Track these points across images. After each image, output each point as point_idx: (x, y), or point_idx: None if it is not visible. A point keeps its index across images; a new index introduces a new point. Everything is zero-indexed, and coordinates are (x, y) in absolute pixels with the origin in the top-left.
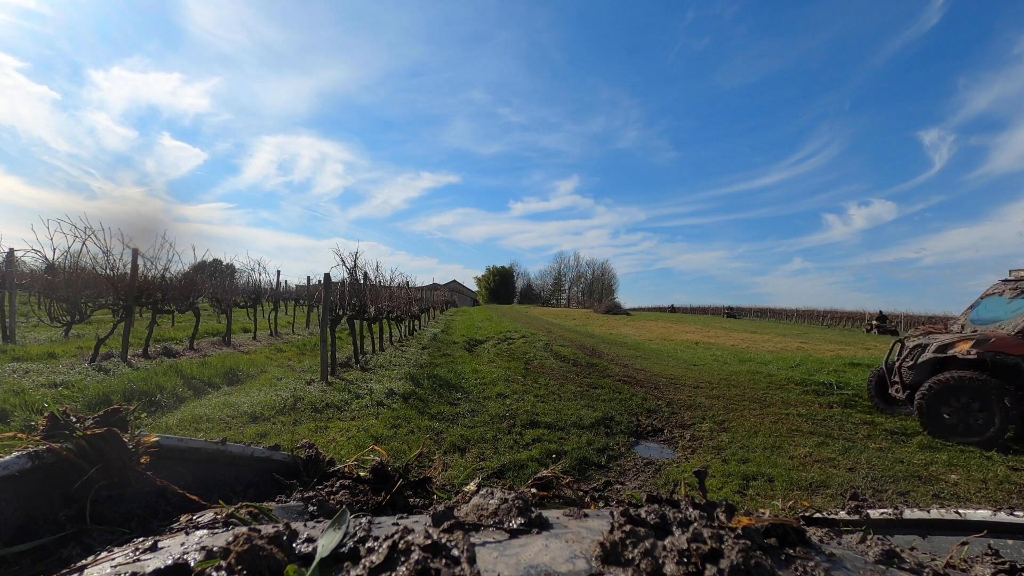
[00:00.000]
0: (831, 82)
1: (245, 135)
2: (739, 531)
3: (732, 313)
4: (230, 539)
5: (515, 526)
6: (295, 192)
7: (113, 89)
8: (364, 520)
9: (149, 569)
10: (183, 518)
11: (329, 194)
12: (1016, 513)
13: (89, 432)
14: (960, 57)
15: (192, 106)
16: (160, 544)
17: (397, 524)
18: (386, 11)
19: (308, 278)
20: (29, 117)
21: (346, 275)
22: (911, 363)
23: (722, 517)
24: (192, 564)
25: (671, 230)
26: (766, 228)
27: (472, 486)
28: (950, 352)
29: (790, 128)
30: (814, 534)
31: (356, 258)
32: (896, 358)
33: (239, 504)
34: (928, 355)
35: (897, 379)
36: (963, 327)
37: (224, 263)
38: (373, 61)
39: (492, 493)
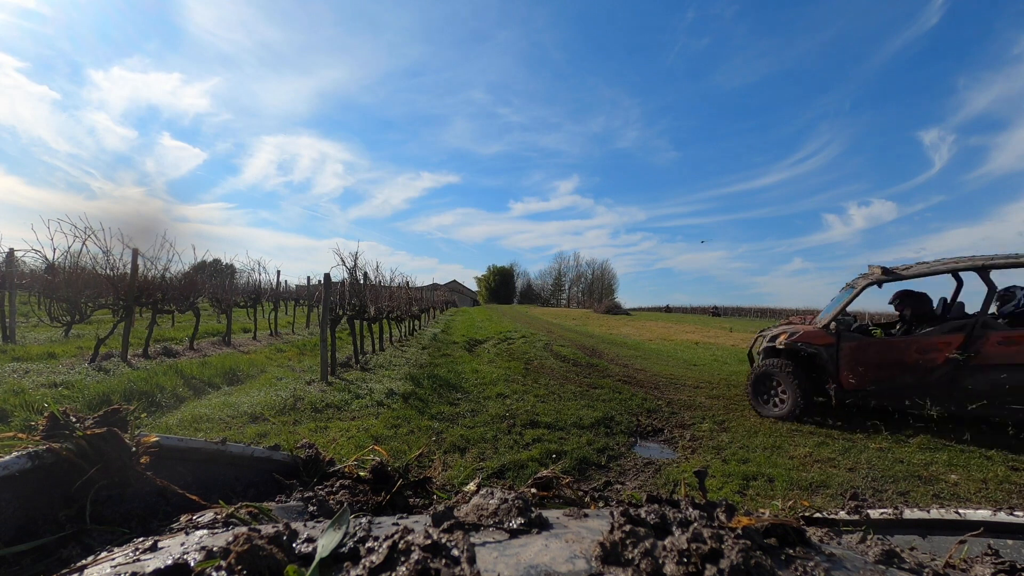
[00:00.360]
0: (831, 82)
1: (245, 135)
2: (739, 531)
3: (717, 312)
4: (230, 539)
5: (515, 526)
6: (295, 192)
7: (113, 89)
8: (364, 520)
9: (149, 569)
10: (183, 518)
11: (329, 194)
12: (1016, 513)
13: (89, 432)
14: (960, 57)
15: (192, 106)
16: (160, 544)
17: (397, 524)
18: (386, 11)
19: (308, 278)
20: (29, 117)
21: (346, 275)
22: (759, 351)
23: (722, 517)
24: (192, 564)
25: (671, 230)
26: (766, 228)
27: (472, 486)
28: (775, 343)
29: (790, 128)
30: (814, 534)
31: (356, 258)
32: (759, 350)
33: (239, 504)
34: (764, 344)
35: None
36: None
37: (224, 263)
38: (373, 61)
39: (492, 493)
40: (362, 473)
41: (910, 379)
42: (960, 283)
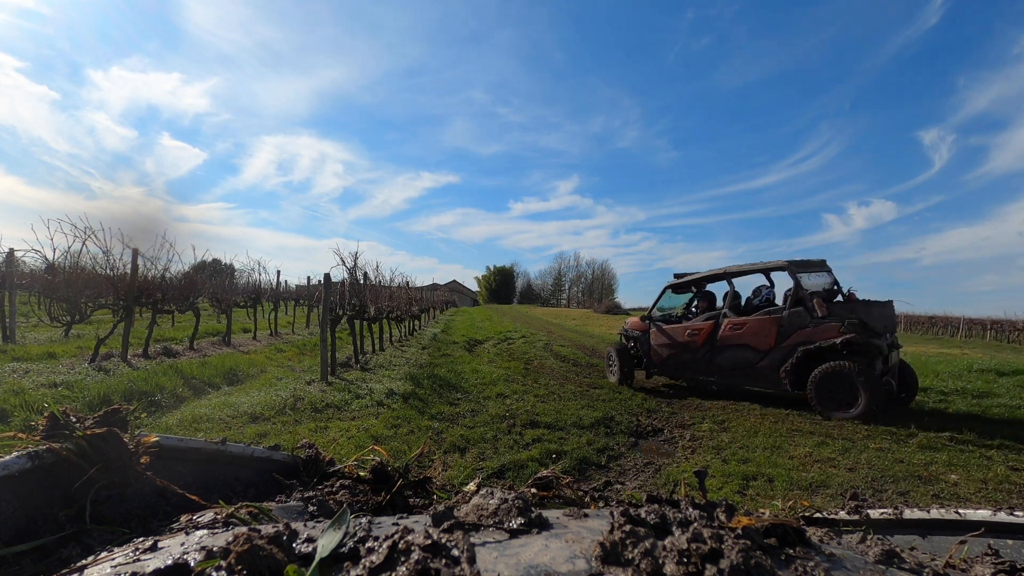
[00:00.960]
0: (830, 82)
1: (245, 135)
2: (739, 531)
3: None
4: (230, 539)
5: (515, 526)
6: (295, 192)
7: (113, 89)
8: (364, 520)
9: (149, 569)
10: (183, 518)
11: (329, 194)
12: (1016, 513)
13: (89, 432)
14: (960, 57)
15: (192, 106)
16: (160, 544)
17: (397, 524)
18: (385, 11)
19: (308, 278)
20: (29, 117)
21: (346, 275)
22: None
23: (722, 517)
24: (192, 564)
25: (671, 230)
26: (766, 228)
27: (472, 486)
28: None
29: (790, 128)
30: (814, 534)
31: (356, 258)
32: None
33: (239, 504)
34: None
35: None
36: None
37: (224, 263)
38: (372, 61)
39: (492, 493)
40: (362, 473)
41: (687, 357)
42: (731, 285)
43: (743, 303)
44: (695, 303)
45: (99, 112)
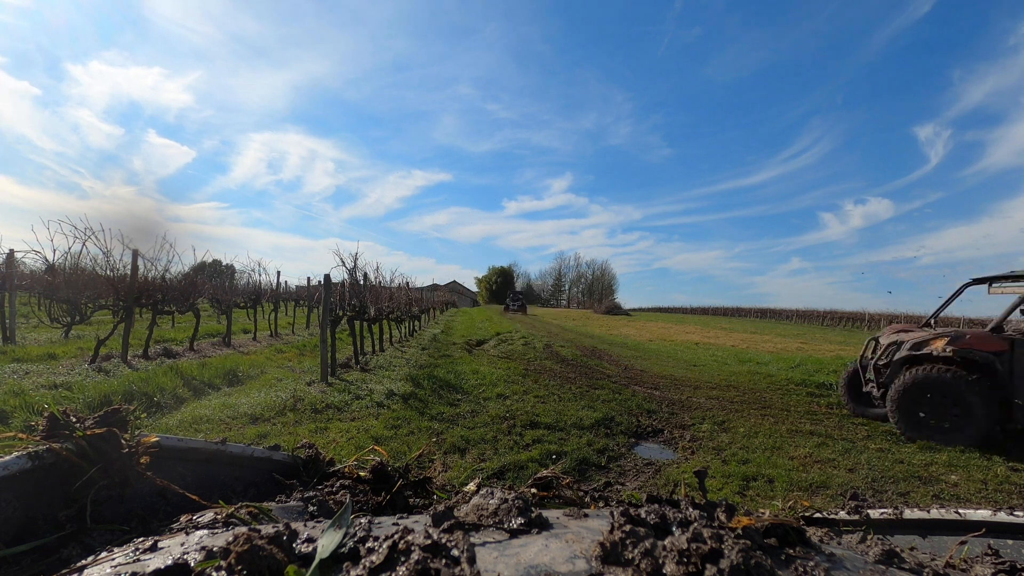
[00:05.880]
0: (822, 76)
1: (231, 132)
2: (739, 531)
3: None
4: (230, 539)
5: (515, 526)
6: (286, 191)
7: (93, 84)
8: (364, 520)
9: (149, 569)
10: (183, 518)
11: (321, 193)
12: (1016, 513)
13: (89, 432)
14: (954, 49)
15: (175, 102)
16: (160, 544)
17: (397, 524)
18: (365, 2)
19: (308, 279)
20: (11, 113)
21: (346, 276)
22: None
23: (722, 517)
24: (192, 564)
25: (667, 229)
26: (762, 227)
27: (472, 486)
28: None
29: (781, 123)
30: (814, 534)
31: (356, 259)
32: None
33: (239, 504)
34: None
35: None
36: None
37: (224, 264)
38: (355, 55)
39: (492, 493)
40: (362, 473)
41: None
42: None
43: None
44: None
45: (82, 108)
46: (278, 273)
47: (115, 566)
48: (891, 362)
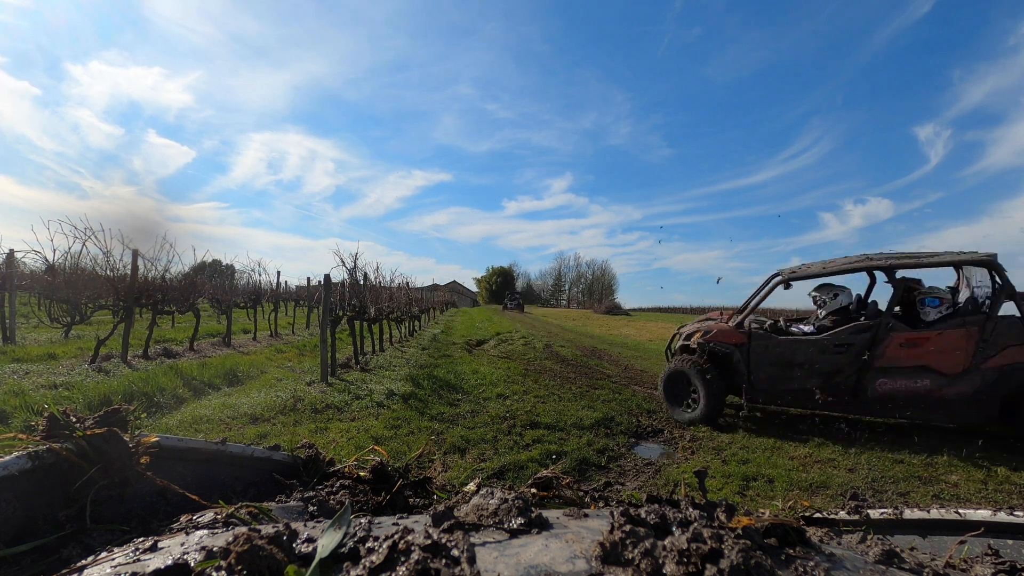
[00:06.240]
0: (822, 76)
1: (231, 132)
2: (739, 531)
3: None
4: (230, 539)
5: (515, 526)
6: (286, 191)
7: (93, 84)
8: (364, 520)
9: (149, 569)
10: (183, 518)
11: (321, 193)
12: (1016, 513)
13: (89, 432)
14: (954, 49)
15: (175, 102)
16: (160, 544)
17: (397, 524)
18: (367, 2)
19: (308, 279)
20: (11, 114)
21: (346, 276)
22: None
23: (722, 517)
24: (192, 564)
25: (667, 229)
26: (762, 227)
27: (472, 486)
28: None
29: (781, 123)
30: (814, 534)
31: (356, 259)
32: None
33: (239, 504)
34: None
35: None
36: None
37: (224, 264)
38: (355, 55)
39: (492, 493)
40: (362, 473)
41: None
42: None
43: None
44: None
45: (82, 108)
46: (278, 273)
47: (115, 566)
48: (676, 350)
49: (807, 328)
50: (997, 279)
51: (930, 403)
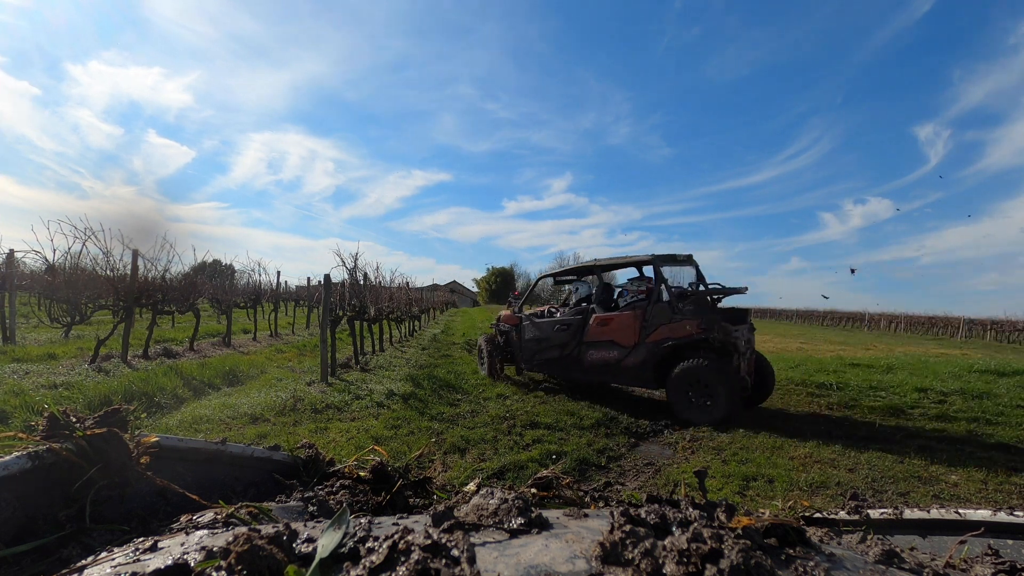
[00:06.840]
0: (822, 75)
1: (231, 132)
2: (739, 531)
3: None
4: (230, 539)
5: (515, 526)
6: (286, 191)
7: (93, 84)
8: (364, 520)
9: (149, 569)
10: (183, 518)
11: (321, 193)
12: (1016, 513)
13: (89, 432)
14: (954, 49)
15: (175, 102)
16: (160, 544)
17: (397, 524)
18: (366, 2)
19: (308, 279)
20: (11, 114)
21: (346, 276)
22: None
23: (722, 517)
24: (192, 564)
25: (667, 229)
26: (762, 227)
27: (472, 486)
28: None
29: (780, 123)
30: (814, 534)
31: (356, 259)
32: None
33: (239, 504)
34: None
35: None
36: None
37: (224, 264)
38: (354, 54)
39: (492, 493)
40: (362, 473)
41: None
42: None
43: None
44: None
45: (82, 108)
46: (278, 273)
47: (115, 566)
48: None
49: (558, 314)
50: (663, 274)
51: (618, 370)
